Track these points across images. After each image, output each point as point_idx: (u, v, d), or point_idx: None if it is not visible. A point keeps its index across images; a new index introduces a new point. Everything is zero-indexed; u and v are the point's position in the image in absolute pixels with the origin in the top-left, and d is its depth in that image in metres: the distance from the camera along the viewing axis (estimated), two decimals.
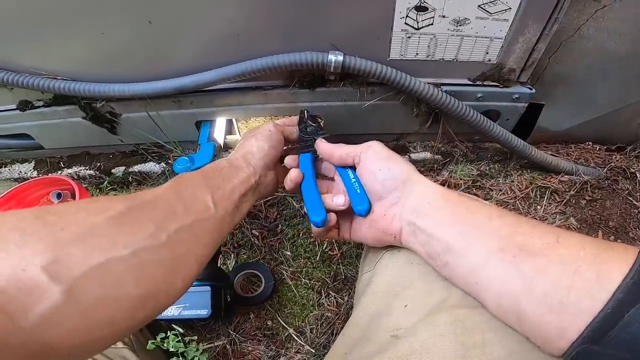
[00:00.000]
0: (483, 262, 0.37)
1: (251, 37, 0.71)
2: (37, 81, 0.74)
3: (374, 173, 0.49)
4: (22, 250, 0.26)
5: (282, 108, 0.83)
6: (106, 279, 0.29)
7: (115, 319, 0.30)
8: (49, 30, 0.69)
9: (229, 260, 0.83)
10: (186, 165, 0.77)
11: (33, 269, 0.26)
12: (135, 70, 0.76)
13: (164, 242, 0.35)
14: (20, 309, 0.25)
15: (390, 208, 0.47)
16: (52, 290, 0.26)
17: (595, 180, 0.91)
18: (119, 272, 0.30)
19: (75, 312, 0.27)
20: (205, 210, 0.42)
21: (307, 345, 0.73)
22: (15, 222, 0.29)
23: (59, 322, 0.26)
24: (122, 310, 0.31)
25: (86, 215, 0.31)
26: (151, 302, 0.33)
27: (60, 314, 0.26)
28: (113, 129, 0.89)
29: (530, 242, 0.35)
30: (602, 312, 0.28)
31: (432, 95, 0.75)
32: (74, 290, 0.27)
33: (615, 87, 0.85)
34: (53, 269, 0.26)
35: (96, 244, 0.30)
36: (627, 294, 0.27)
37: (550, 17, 0.68)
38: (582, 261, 0.31)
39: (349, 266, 0.81)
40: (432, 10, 0.67)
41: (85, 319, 0.28)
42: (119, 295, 0.30)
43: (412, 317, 0.42)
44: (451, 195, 0.43)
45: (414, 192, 0.45)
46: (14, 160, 1.03)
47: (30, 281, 0.25)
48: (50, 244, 0.28)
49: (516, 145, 0.84)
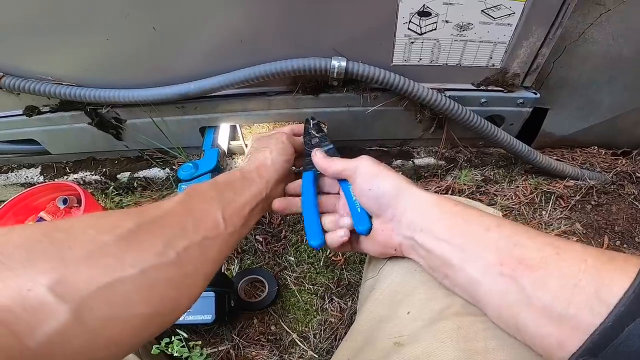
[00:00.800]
0: (481, 275, 0.37)
1: (255, 43, 0.71)
2: (44, 87, 0.75)
3: (366, 192, 0.48)
4: (28, 270, 0.26)
5: (285, 114, 0.84)
6: (114, 298, 0.29)
7: (121, 338, 0.30)
8: (55, 37, 0.69)
9: (233, 265, 0.83)
10: (190, 171, 0.77)
11: (39, 289, 0.25)
12: (139, 77, 0.76)
13: (172, 260, 0.34)
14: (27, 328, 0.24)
15: (387, 224, 0.47)
16: (59, 311, 0.26)
17: (600, 185, 0.90)
18: (127, 292, 0.30)
19: (82, 332, 0.27)
20: (215, 227, 0.41)
21: (310, 350, 0.73)
22: (22, 239, 0.28)
23: (65, 341, 0.26)
24: (129, 329, 0.30)
25: (95, 234, 0.31)
26: (158, 321, 0.33)
27: (67, 334, 0.26)
28: (118, 134, 0.89)
29: (529, 254, 0.34)
30: (602, 325, 0.28)
31: (436, 100, 0.75)
32: (81, 310, 0.27)
33: (620, 91, 0.84)
34: (59, 289, 0.26)
35: (104, 263, 0.30)
36: (627, 308, 0.27)
37: (555, 21, 0.68)
38: (582, 274, 0.30)
39: (353, 272, 0.81)
40: (435, 15, 0.67)
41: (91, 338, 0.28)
42: (127, 315, 0.30)
43: (414, 324, 0.41)
44: (446, 204, 0.42)
45: (407, 207, 0.44)
46: (20, 165, 1.04)
47: (37, 301, 0.25)
48: (57, 263, 0.27)
49: (520, 150, 0.84)
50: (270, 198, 0.56)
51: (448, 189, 0.90)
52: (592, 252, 0.32)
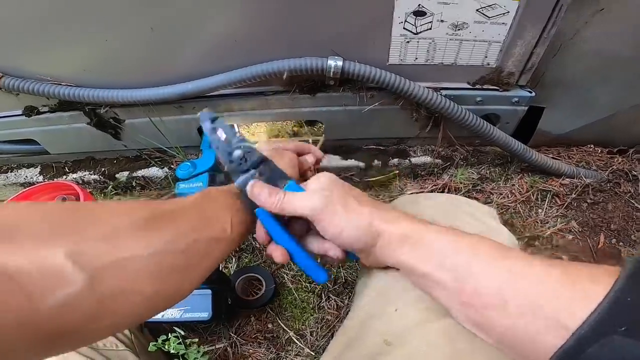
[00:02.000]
0: (447, 301, 0.38)
1: (252, 43, 0.71)
2: (42, 87, 0.76)
3: (332, 239, 0.44)
4: (49, 240, 0.28)
5: (282, 113, 0.84)
6: (124, 274, 0.31)
7: (125, 311, 0.32)
8: (53, 38, 0.70)
9: (230, 263, 0.84)
10: (188, 170, 0.77)
11: (58, 256, 0.27)
12: (138, 77, 0.77)
13: (181, 249, 0.36)
14: (40, 291, 0.26)
15: (360, 254, 0.46)
16: (76, 277, 0.27)
17: (596, 183, 0.91)
18: (136, 270, 0.32)
19: (92, 300, 0.29)
20: (223, 232, 0.43)
21: (307, 348, 0.74)
22: (45, 213, 0.31)
23: (76, 307, 0.28)
24: (134, 304, 0.32)
25: (111, 216, 0.34)
26: (159, 301, 0.35)
27: (78, 300, 0.28)
28: (117, 134, 0.90)
29: (485, 283, 0.35)
30: (563, 347, 0.29)
31: (431, 99, 0.75)
32: (94, 280, 0.29)
33: (616, 89, 0.84)
34: (78, 258, 0.28)
35: (119, 241, 0.32)
36: (589, 331, 0.28)
37: (549, 20, 0.69)
38: (541, 300, 0.31)
39: (349, 270, 0.82)
40: (430, 15, 0.68)
41: (99, 307, 0.29)
42: (134, 290, 0.32)
43: (402, 322, 0.42)
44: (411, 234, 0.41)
45: (374, 250, 0.43)
46: (20, 165, 1.04)
47: (55, 267, 0.27)
48: (76, 236, 0.29)
49: (516, 149, 0.84)
50: None
51: (444, 187, 0.91)
52: (554, 275, 0.32)
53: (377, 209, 0.43)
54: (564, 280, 0.31)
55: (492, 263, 0.36)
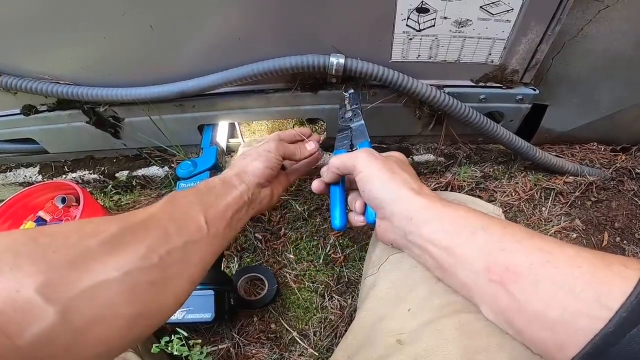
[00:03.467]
0: (472, 281, 0.37)
1: (253, 40, 0.71)
2: (40, 86, 0.75)
3: (361, 191, 0.50)
4: (15, 273, 0.27)
5: (284, 111, 0.83)
6: (98, 300, 0.30)
7: (108, 337, 0.31)
8: (51, 36, 0.69)
9: (232, 263, 0.83)
10: (189, 169, 0.77)
11: (27, 291, 0.27)
12: (137, 75, 0.76)
13: (155, 263, 0.35)
14: (17, 328, 0.25)
15: (382, 220, 0.48)
16: (47, 311, 0.27)
17: (600, 181, 0.90)
18: (110, 293, 0.31)
19: (69, 331, 0.28)
20: (198, 230, 0.42)
21: (310, 348, 0.73)
22: (8, 243, 0.29)
23: (52, 340, 0.27)
24: (115, 329, 0.31)
25: (79, 238, 0.32)
26: (143, 321, 0.34)
27: (54, 333, 0.27)
28: (116, 133, 0.89)
29: (516, 260, 0.34)
30: (604, 330, 0.27)
31: (434, 97, 0.75)
32: (67, 311, 0.28)
33: (619, 87, 0.84)
34: (46, 291, 0.27)
35: (88, 266, 0.31)
36: (630, 314, 0.27)
37: (553, 17, 0.68)
38: (577, 281, 0.30)
39: (353, 269, 0.81)
40: (433, 11, 0.67)
41: (78, 338, 0.29)
42: (111, 315, 0.31)
43: (415, 321, 0.41)
44: (433, 207, 0.42)
45: (395, 211, 0.45)
46: (19, 164, 1.03)
47: (25, 302, 0.26)
48: (43, 266, 0.28)
49: (520, 147, 0.83)
50: (254, 202, 0.57)
51: (448, 186, 0.90)
52: (586, 257, 0.31)
53: (413, 177, 0.49)
54: (598, 263, 0.30)
55: (523, 241, 0.35)
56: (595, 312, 0.28)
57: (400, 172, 0.48)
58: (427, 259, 0.42)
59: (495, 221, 0.39)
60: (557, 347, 0.31)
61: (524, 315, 0.33)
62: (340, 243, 0.84)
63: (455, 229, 0.39)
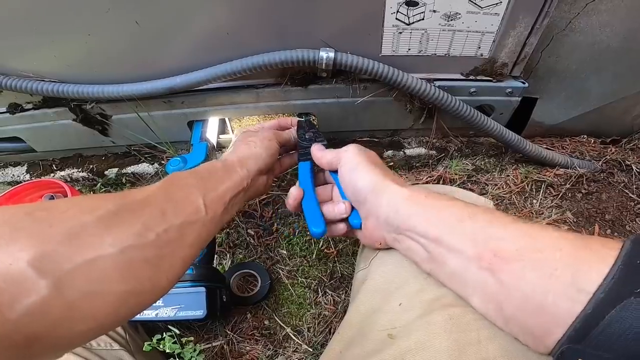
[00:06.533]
0: (463, 269, 0.37)
1: (241, 35, 0.70)
2: (25, 83, 0.73)
3: (346, 185, 0.50)
4: (10, 245, 0.27)
5: (274, 106, 0.83)
6: (92, 274, 0.30)
7: (99, 313, 0.31)
8: (35, 33, 0.68)
9: (225, 260, 0.83)
10: (179, 165, 0.76)
11: (20, 264, 0.27)
12: (124, 71, 0.75)
13: (151, 241, 0.35)
14: (7, 301, 0.25)
15: (369, 219, 0.48)
16: (40, 284, 0.27)
17: (590, 173, 0.91)
18: (105, 269, 0.31)
19: (61, 305, 0.28)
20: (196, 212, 0.42)
21: (304, 344, 0.73)
22: (6, 217, 0.30)
23: (45, 314, 0.27)
24: (106, 305, 0.31)
25: (75, 213, 0.32)
26: (135, 299, 0.34)
27: (46, 307, 0.27)
28: (104, 130, 0.88)
29: (504, 246, 0.34)
30: (583, 312, 0.28)
31: (425, 90, 0.74)
32: (61, 285, 0.28)
33: (608, 80, 0.84)
34: (40, 264, 0.27)
35: (84, 241, 0.30)
36: (607, 295, 0.27)
37: (541, 10, 0.68)
38: (558, 263, 0.30)
39: (345, 264, 0.81)
40: (422, 5, 0.67)
41: (70, 312, 0.28)
42: (104, 290, 0.31)
43: (406, 315, 0.41)
44: (418, 197, 0.43)
45: (382, 203, 0.45)
46: (6, 163, 1.02)
47: (18, 275, 0.26)
48: (38, 239, 0.28)
49: (510, 140, 0.84)
50: (251, 188, 0.56)
51: (439, 179, 0.90)
52: (568, 238, 0.32)
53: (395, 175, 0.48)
54: (578, 244, 0.31)
55: (508, 226, 0.36)
56: (574, 294, 0.29)
57: (383, 167, 0.49)
58: (416, 250, 0.42)
59: (480, 209, 0.39)
60: (544, 332, 0.31)
61: (513, 301, 0.33)
62: (333, 238, 0.84)
63: (441, 219, 0.40)
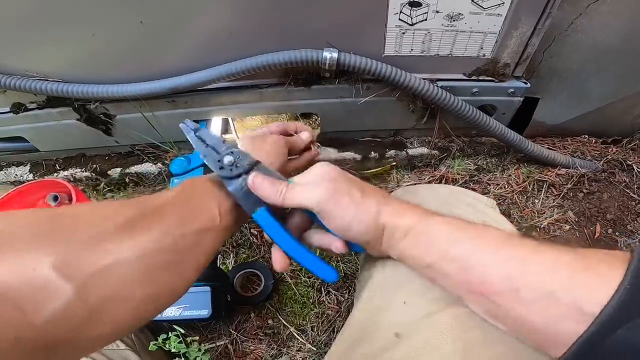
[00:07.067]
0: (457, 292, 0.38)
1: (245, 35, 0.70)
2: (29, 83, 0.74)
3: (338, 233, 0.44)
4: (33, 250, 0.28)
5: (277, 106, 0.83)
6: (113, 279, 0.31)
7: (119, 317, 0.31)
8: (38, 33, 0.68)
9: (229, 259, 0.83)
10: (183, 165, 0.76)
11: (44, 269, 0.27)
12: (128, 71, 0.75)
13: (169, 246, 0.36)
14: (33, 306, 0.26)
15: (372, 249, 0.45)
16: (64, 289, 0.27)
17: (592, 173, 0.91)
18: (125, 274, 0.31)
19: (84, 310, 0.28)
20: (211, 220, 0.42)
21: (308, 343, 0.73)
22: (28, 222, 0.30)
23: (68, 318, 0.27)
24: (126, 309, 0.32)
25: (97, 219, 0.33)
26: (153, 303, 0.35)
27: (70, 311, 0.27)
28: (108, 130, 0.88)
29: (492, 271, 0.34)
30: (587, 332, 0.28)
31: (427, 90, 0.75)
32: (84, 289, 0.28)
33: (610, 80, 0.85)
34: (63, 269, 0.28)
35: (105, 247, 0.31)
36: (613, 315, 0.27)
37: (544, 11, 0.68)
38: (556, 286, 0.30)
39: (349, 264, 0.82)
40: (425, 5, 0.67)
41: (92, 316, 0.29)
42: (125, 295, 0.31)
43: (411, 315, 0.42)
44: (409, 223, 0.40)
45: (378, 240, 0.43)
46: (9, 163, 1.02)
47: (42, 280, 0.27)
48: (60, 245, 0.29)
49: (512, 139, 0.84)
50: None
51: (442, 179, 0.90)
52: (565, 261, 0.32)
53: (382, 200, 0.43)
54: (576, 265, 0.31)
55: (498, 250, 0.35)
56: (577, 317, 0.29)
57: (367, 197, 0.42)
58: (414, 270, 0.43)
59: (470, 230, 0.38)
60: (547, 346, 0.32)
61: (510, 319, 0.34)
62: None
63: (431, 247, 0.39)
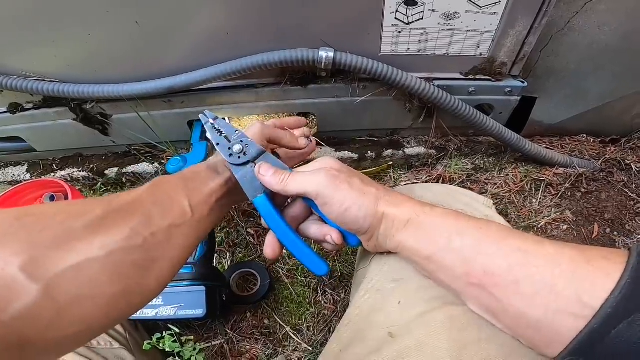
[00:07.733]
0: (455, 284, 0.38)
1: (241, 35, 0.70)
2: (26, 83, 0.74)
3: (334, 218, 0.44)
4: (1, 251, 0.28)
5: (274, 106, 0.83)
6: (82, 278, 0.31)
7: (89, 316, 0.31)
8: (35, 33, 0.68)
9: (225, 259, 0.83)
10: (179, 165, 0.76)
11: (11, 268, 0.27)
12: (124, 71, 0.75)
13: (139, 244, 0.35)
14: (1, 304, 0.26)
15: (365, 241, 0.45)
16: (30, 288, 0.27)
17: (590, 173, 0.91)
18: (94, 272, 0.31)
19: (52, 308, 0.28)
20: (182, 214, 0.42)
21: (304, 343, 0.73)
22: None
23: (36, 317, 0.28)
24: (97, 308, 0.32)
25: (64, 218, 0.33)
26: (124, 301, 0.34)
27: (37, 310, 0.28)
28: (104, 130, 0.88)
29: (495, 263, 0.34)
30: (588, 327, 0.28)
31: (424, 90, 0.75)
32: (51, 288, 0.29)
33: (607, 79, 0.84)
34: (30, 269, 0.28)
35: (72, 246, 0.31)
36: (614, 309, 0.27)
37: (540, 10, 0.68)
38: (557, 280, 0.30)
39: (345, 263, 0.81)
40: (421, 4, 0.67)
41: (60, 315, 0.29)
42: (94, 293, 0.31)
43: (406, 314, 0.41)
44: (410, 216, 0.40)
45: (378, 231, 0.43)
46: (7, 163, 1.02)
47: (9, 279, 0.27)
48: (28, 244, 0.29)
49: (510, 139, 0.84)
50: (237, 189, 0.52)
51: (439, 178, 0.90)
52: (567, 254, 0.31)
53: (383, 190, 0.44)
54: (578, 259, 0.31)
55: (500, 242, 0.35)
56: (578, 310, 0.28)
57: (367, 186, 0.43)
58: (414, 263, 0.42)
59: (471, 223, 0.38)
60: (544, 344, 0.31)
61: (508, 315, 0.33)
62: None
63: (432, 238, 0.39)
